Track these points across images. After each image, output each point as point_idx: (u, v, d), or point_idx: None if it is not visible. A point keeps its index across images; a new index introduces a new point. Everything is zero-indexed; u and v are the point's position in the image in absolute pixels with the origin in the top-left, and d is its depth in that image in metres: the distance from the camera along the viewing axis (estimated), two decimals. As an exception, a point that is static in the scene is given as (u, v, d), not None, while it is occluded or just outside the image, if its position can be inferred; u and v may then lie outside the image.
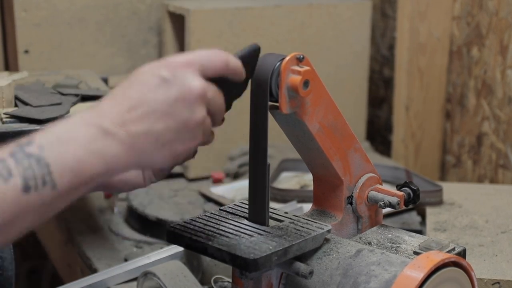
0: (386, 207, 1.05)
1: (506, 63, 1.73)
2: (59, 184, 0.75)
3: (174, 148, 0.81)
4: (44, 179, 0.74)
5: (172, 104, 0.80)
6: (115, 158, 0.78)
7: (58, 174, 0.74)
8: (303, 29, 1.89)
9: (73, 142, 0.76)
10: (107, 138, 0.77)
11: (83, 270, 1.45)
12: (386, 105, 2.17)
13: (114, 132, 0.78)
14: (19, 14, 1.85)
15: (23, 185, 0.73)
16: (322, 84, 0.98)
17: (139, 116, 0.79)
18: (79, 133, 0.77)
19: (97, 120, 0.78)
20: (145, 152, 0.80)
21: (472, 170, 1.89)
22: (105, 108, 0.79)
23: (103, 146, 0.77)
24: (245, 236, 0.94)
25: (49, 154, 0.75)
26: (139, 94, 0.80)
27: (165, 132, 0.80)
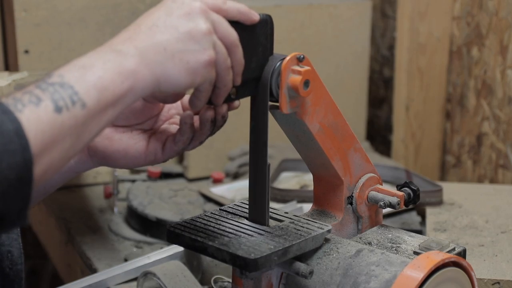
0: (386, 207, 1.05)
1: (506, 63, 1.73)
2: (87, 101, 0.78)
3: (186, 59, 0.84)
4: (72, 99, 0.77)
5: (174, 19, 0.84)
6: (131, 73, 0.81)
7: (83, 92, 0.78)
8: (303, 29, 1.89)
9: (90, 66, 0.80)
10: (118, 55, 0.82)
11: (83, 270, 1.45)
12: (386, 105, 2.17)
13: (124, 49, 0.82)
14: (19, 14, 1.85)
15: (54, 106, 0.76)
16: (322, 84, 0.98)
17: (143, 31, 0.84)
18: (94, 58, 0.81)
19: (107, 45, 0.83)
20: (158, 63, 0.83)
21: (472, 170, 1.89)
22: (115, 37, 0.85)
23: (119, 63, 0.81)
24: (245, 236, 0.94)
25: (70, 78, 0.78)
26: (142, 20, 0.86)
27: (170, 42, 0.84)
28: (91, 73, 0.79)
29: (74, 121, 0.77)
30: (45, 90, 0.77)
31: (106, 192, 1.64)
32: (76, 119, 0.77)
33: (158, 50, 0.83)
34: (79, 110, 0.78)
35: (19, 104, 0.75)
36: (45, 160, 0.76)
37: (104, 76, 0.80)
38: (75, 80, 0.78)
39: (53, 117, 0.76)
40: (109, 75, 0.80)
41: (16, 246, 1.02)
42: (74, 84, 0.78)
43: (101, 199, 1.66)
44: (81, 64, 0.80)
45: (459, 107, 1.91)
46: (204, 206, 1.58)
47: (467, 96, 1.88)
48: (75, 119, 0.77)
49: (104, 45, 0.84)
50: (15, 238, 1.01)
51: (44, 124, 0.75)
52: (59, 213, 1.61)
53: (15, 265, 1.01)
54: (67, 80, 0.78)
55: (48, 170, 0.77)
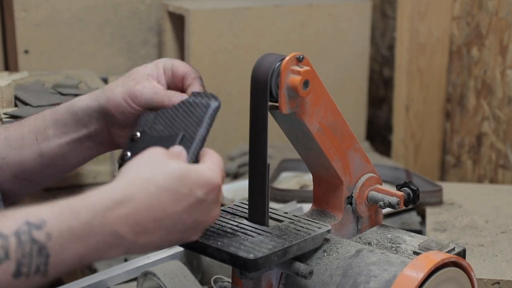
0: (386, 207, 1.05)
1: (506, 63, 1.73)
2: (50, 273, 0.75)
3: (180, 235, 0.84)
4: (38, 268, 0.74)
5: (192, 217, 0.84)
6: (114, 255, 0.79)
7: (53, 265, 0.75)
8: (303, 29, 1.89)
9: (83, 239, 0.76)
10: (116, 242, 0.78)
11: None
12: (386, 105, 2.17)
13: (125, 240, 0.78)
14: (19, 14, 1.85)
15: (15, 271, 0.72)
16: (322, 84, 0.98)
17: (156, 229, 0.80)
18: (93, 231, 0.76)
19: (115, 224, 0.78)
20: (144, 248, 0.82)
21: (472, 170, 1.89)
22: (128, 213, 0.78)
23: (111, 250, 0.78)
24: (245, 236, 0.94)
25: (54, 245, 0.74)
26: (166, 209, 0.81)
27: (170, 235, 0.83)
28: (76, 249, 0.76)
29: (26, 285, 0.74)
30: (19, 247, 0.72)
31: (106, 192, 1.63)
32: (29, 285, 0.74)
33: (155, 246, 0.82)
34: (38, 278, 0.74)
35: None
36: None
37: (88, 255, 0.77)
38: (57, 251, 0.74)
39: (8, 280, 0.72)
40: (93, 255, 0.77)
41: None
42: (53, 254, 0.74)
43: (101, 199, 1.65)
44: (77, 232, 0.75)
45: (459, 107, 1.91)
46: (204, 206, 1.58)
47: (467, 96, 1.88)
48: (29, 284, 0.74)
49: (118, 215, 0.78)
50: None
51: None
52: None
53: None
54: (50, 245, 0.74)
55: None
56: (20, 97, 1.41)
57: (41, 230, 0.73)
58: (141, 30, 2.06)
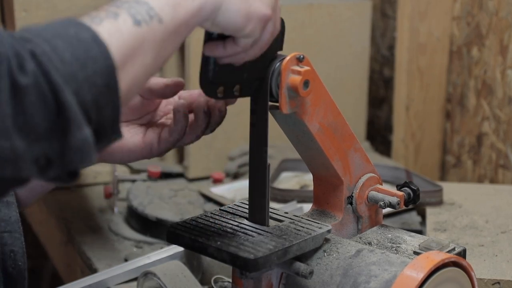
0: (386, 207, 1.05)
1: (506, 63, 1.73)
2: (163, 17, 0.78)
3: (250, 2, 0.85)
4: (149, 13, 0.78)
5: None
6: None
7: (159, 8, 0.78)
8: (303, 29, 1.89)
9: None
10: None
11: (83, 270, 1.45)
12: (386, 105, 2.17)
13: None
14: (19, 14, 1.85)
15: (133, 19, 0.76)
16: (322, 84, 0.98)
17: None
18: None
19: None
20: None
21: (472, 170, 1.89)
22: None
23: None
24: (245, 236, 0.94)
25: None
26: None
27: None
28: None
29: (153, 35, 0.77)
30: (121, 7, 0.77)
31: (106, 192, 1.63)
32: (154, 34, 0.78)
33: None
34: (157, 24, 0.78)
35: (96, 19, 0.76)
36: (129, 73, 0.76)
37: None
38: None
39: (134, 29, 0.76)
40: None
41: (19, 245, 1.02)
42: (148, 0, 0.78)
43: (101, 199, 1.66)
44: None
45: (459, 107, 1.91)
46: (204, 206, 1.58)
47: (467, 96, 1.88)
48: (154, 33, 0.78)
49: None
50: (18, 237, 1.02)
51: (126, 35, 0.75)
52: (59, 213, 1.61)
53: (18, 265, 1.01)
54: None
55: (132, 84, 0.77)
56: (20, 97, 1.41)
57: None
58: (141, 30, 2.06)
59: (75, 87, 0.70)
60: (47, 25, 0.73)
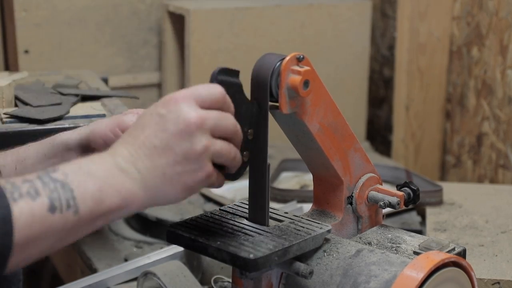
0: (386, 207, 1.05)
1: (506, 63, 1.73)
2: (81, 209, 0.79)
3: (183, 181, 0.84)
4: (68, 203, 0.78)
5: (170, 139, 0.83)
6: (130, 194, 0.82)
7: (81, 200, 0.79)
8: (303, 29, 1.89)
9: (93, 174, 0.81)
10: (121, 174, 0.82)
11: (83, 270, 1.45)
12: (386, 105, 2.17)
13: (127, 169, 0.82)
14: (19, 14, 1.85)
15: (50, 205, 0.77)
16: (322, 84, 0.98)
17: (144, 153, 0.83)
18: (98, 167, 0.82)
19: (111, 158, 0.83)
20: (156, 188, 0.83)
21: (472, 170, 1.89)
22: (117, 149, 0.84)
23: (119, 180, 0.82)
24: (245, 236, 0.94)
25: (73, 181, 0.79)
26: (141, 133, 0.84)
27: (169, 166, 0.83)
28: (93, 182, 0.80)
29: (63, 224, 0.78)
30: (45, 186, 0.78)
31: (106, 192, 1.63)
32: (65, 223, 0.78)
33: (158, 175, 0.83)
34: (71, 215, 0.78)
35: (16, 192, 0.76)
36: (23, 255, 0.77)
37: (103, 189, 0.80)
38: (77, 185, 0.79)
39: (45, 215, 0.77)
40: (108, 190, 0.81)
41: None
42: (75, 188, 0.79)
43: (101, 199, 1.65)
44: (86, 170, 0.81)
45: (459, 107, 1.91)
46: (204, 206, 1.58)
47: (467, 96, 1.88)
48: (65, 222, 0.78)
49: (108, 153, 0.84)
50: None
51: (35, 219, 0.76)
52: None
53: None
54: (69, 181, 0.79)
55: (23, 263, 0.78)
56: (20, 97, 1.41)
57: (57, 172, 0.80)
58: (141, 30, 2.06)
59: None
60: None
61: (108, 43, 2.02)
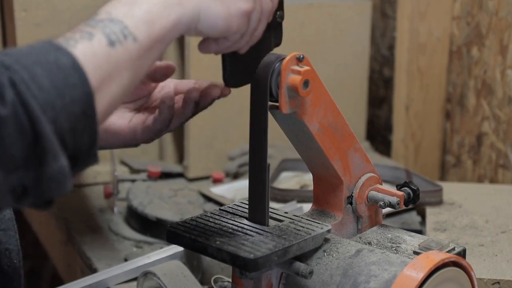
0: (386, 207, 1.05)
1: (506, 63, 1.73)
2: (138, 35, 0.78)
3: (228, 4, 0.85)
4: (123, 33, 0.78)
5: None
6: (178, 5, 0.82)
7: (133, 26, 0.78)
8: (303, 29, 1.89)
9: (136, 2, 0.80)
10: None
11: (83, 270, 1.45)
12: (386, 105, 2.17)
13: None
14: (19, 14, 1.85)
15: (107, 40, 0.76)
16: (322, 84, 0.98)
17: None
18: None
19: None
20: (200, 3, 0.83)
21: (472, 170, 1.89)
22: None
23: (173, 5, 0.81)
24: (245, 236, 0.94)
25: (118, 13, 0.79)
26: None
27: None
28: (138, 7, 0.80)
29: (128, 54, 0.78)
30: (95, 26, 0.77)
31: (106, 192, 1.63)
32: (130, 53, 0.78)
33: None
34: (132, 43, 0.78)
35: (71, 41, 0.76)
36: (106, 95, 0.76)
37: (151, 9, 0.80)
38: (123, 15, 0.79)
39: (108, 50, 0.76)
40: (156, 9, 0.80)
41: (14, 243, 1.02)
42: (123, 19, 0.78)
43: (101, 199, 1.66)
44: (127, 0, 0.80)
45: (459, 107, 1.91)
46: (204, 206, 1.58)
47: (467, 96, 1.88)
48: (129, 52, 0.78)
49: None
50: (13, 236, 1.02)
51: (100, 57, 0.75)
52: (59, 213, 1.61)
53: (14, 263, 1.01)
54: (115, 15, 0.79)
55: (110, 104, 0.78)
56: (20, 97, 1.41)
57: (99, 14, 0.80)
58: (141, 30, 2.06)
59: (52, 115, 0.70)
60: (27, 49, 0.73)
61: (108, 43, 2.02)
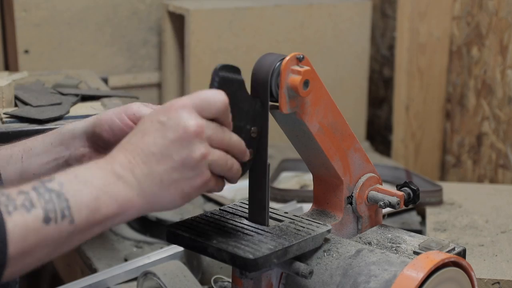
0: (386, 207, 1.05)
1: (506, 63, 1.73)
2: (76, 219, 0.79)
3: (181, 188, 0.84)
4: (63, 213, 0.78)
5: (168, 146, 0.83)
6: (126, 201, 0.82)
7: (76, 209, 0.79)
8: (303, 29, 1.89)
9: (89, 183, 0.81)
10: (118, 181, 0.82)
11: (83, 270, 1.45)
12: (386, 105, 2.17)
13: (124, 176, 0.82)
14: (19, 14, 1.85)
15: (44, 216, 0.77)
16: (322, 84, 0.98)
17: (142, 160, 0.83)
18: (94, 175, 0.82)
19: (109, 165, 0.83)
20: (154, 194, 0.84)
21: (472, 170, 1.89)
22: (115, 155, 0.85)
23: (116, 188, 0.82)
24: (245, 236, 0.94)
25: (68, 190, 0.80)
26: (140, 140, 0.85)
27: (167, 172, 0.84)
28: (88, 191, 0.80)
29: (58, 234, 0.78)
30: (41, 197, 0.78)
31: (106, 192, 1.63)
32: (60, 233, 0.78)
33: (155, 181, 0.83)
34: (67, 225, 0.79)
35: (11, 205, 0.76)
36: (18, 266, 0.77)
37: (99, 197, 0.81)
38: (72, 194, 0.79)
39: (40, 227, 0.77)
40: (104, 198, 0.81)
41: None
42: (70, 198, 0.79)
43: (101, 199, 1.65)
44: (82, 179, 0.81)
45: (459, 107, 1.91)
46: (204, 206, 1.58)
47: (467, 96, 1.88)
48: (60, 232, 0.78)
49: (106, 160, 0.84)
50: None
51: (29, 231, 0.76)
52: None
53: None
54: (65, 191, 0.79)
55: (19, 273, 0.79)
56: (20, 97, 1.41)
57: (53, 181, 0.80)
58: (141, 30, 2.06)
59: None
60: None
61: (108, 43, 2.02)
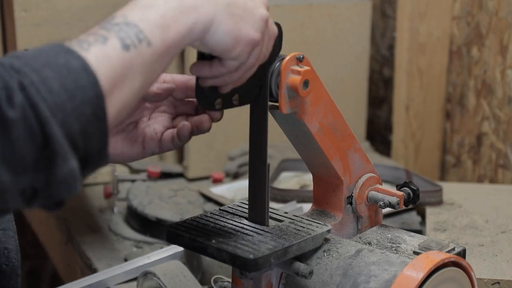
0: (386, 207, 1.05)
1: (506, 63, 1.73)
2: (152, 40, 0.78)
3: (239, 26, 0.85)
4: (138, 37, 0.78)
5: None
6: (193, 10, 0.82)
7: (148, 30, 0.78)
8: (303, 29, 1.89)
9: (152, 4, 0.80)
10: None
11: (83, 270, 1.45)
12: (386, 105, 2.17)
13: None
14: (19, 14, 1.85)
15: (122, 44, 0.77)
16: (322, 84, 0.98)
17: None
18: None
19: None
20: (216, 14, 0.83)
21: (472, 170, 1.89)
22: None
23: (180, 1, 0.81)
24: (245, 236, 0.94)
25: (134, 17, 0.79)
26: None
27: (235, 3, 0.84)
28: (154, 11, 0.80)
29: (141, 59, 0.77)
30: (110, 30, 0.77)
31: (106, 192, 1.64)
32: (143, 57, 0.78)
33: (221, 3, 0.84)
34: (146, 48, 0.78)
35: (84, 44, 0.75)
36: (117, 98, 0.76)
37: (167, 14, 0.80)
38: (139, 19, 0.79)
39: (122, 54, 0.76)
40: (171, 13, 0.80)
41: (13, 243, 1.02)
42: (138, 22, 0.78)
43: (101, 199, 1.66)
44: (143, 4, 0.81)
45: (459, 107, 1.91)
46: (204, 206, 1.58)
47: (467, 96, 1.88)
48: (142, 57, 0.78)
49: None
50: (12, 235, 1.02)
51: (113, 61, 0.75)
52: (59, 213, 1.61)
53: (12, 262, 1.01)
54: (131, 19, 0.79)
55: (121, 108, 0.77)
56: (20, 97, 1.41)
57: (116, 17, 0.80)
58: (141, 30, 2.06)
59: (62, 118, 0.70)
60: (37, 51, 0.73)
61: (108, 43, 2.02)
